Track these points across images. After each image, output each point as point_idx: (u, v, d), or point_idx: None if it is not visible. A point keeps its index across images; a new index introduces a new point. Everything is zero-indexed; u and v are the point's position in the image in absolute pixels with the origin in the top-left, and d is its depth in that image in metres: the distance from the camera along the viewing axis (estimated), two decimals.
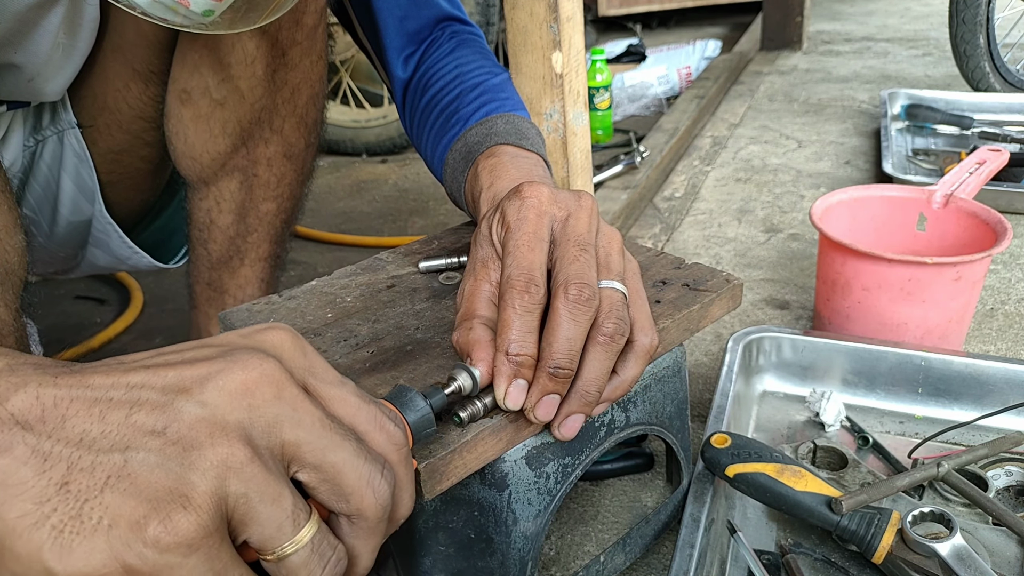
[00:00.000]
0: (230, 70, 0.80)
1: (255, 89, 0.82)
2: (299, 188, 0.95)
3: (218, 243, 0.94)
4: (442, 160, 0.73)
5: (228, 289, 0.98)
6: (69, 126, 0.82)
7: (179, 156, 0.88)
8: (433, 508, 0.54)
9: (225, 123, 0.84)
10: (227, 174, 0.88)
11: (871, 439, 0.80)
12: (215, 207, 0.91)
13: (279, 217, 0.94)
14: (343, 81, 2.30)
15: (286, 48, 0.82)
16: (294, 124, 0.88)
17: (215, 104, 0.82)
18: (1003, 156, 1.09)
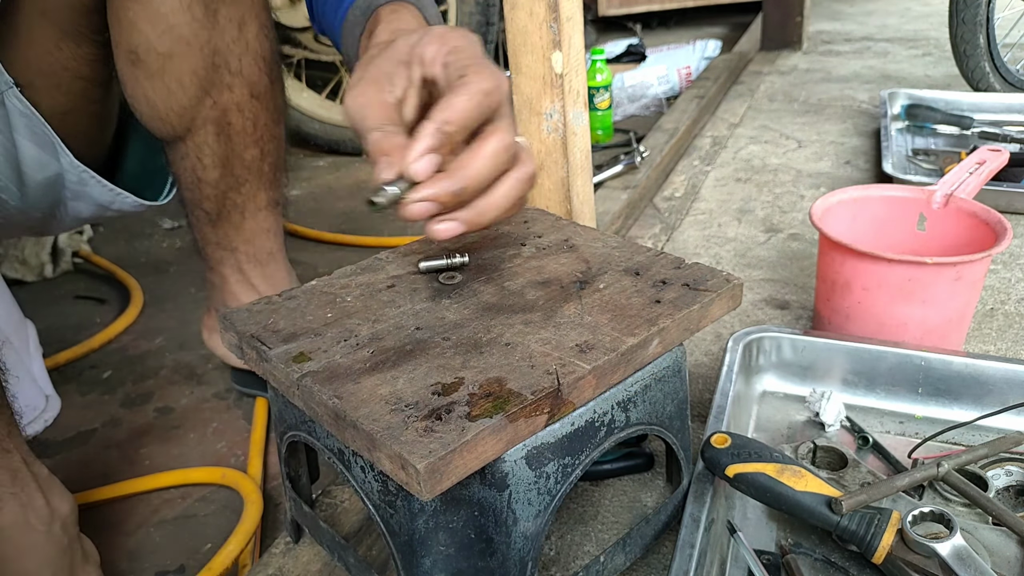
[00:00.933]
0: (167, 19, 0.78)
1: (199, 33, 0.80)
2: (275, 128, 0.94)
3: (212, 200, 0.93)
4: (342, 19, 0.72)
5: (237, 245, 0.96)
6: (6, 86, 0.80)
7: (146, 120, 0.87)
8: (433, 508, 0.54)
9: (180, 75, 0.82)
10: (200, 127, 0.87)
11: (871, 439, 0.80)
12: (198, 164, 0.90)
13: (265, 162, 0.93)
14: (343, 81, 2.30)
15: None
16: (251, 61, 0.87)
17: (163, 58, 0.80)
18: (1003, 156, 1.09)
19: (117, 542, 0.92)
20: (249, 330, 0.61)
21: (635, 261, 0.69)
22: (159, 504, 0.98)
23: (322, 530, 0.69)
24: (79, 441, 1.11)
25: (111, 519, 0.96)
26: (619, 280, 0.66)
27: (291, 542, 0.77)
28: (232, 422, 1.11)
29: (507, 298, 0.64)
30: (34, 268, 1.58)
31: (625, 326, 0.59)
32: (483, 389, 0.52)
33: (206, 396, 1.18)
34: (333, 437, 0.59)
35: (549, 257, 0.71)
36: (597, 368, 0.55)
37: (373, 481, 0.56)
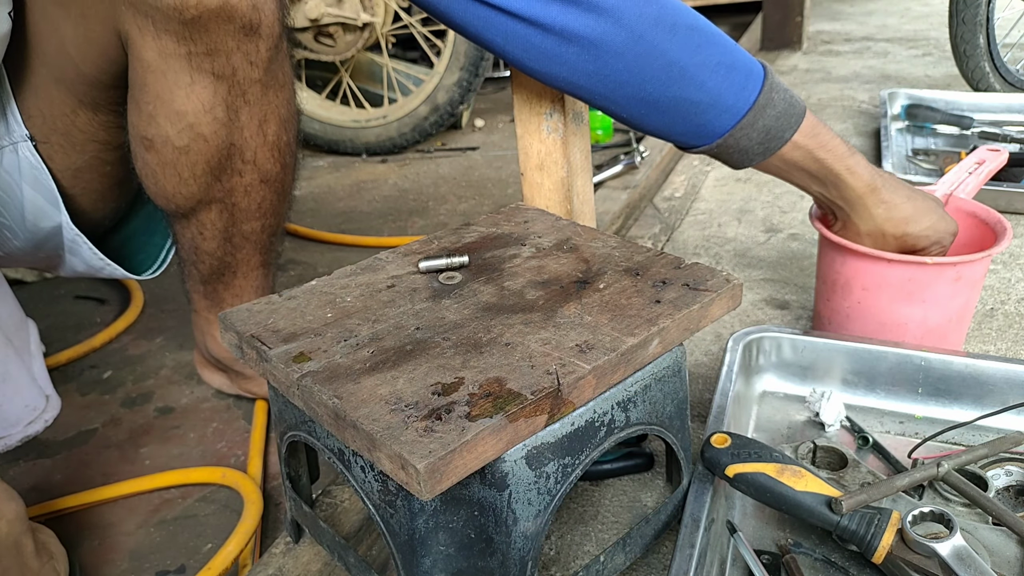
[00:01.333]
0: (187, 119, 0.79)
1: (218, 132, 0.81)
2: (281, 205, 0.94)
3: (207, 264, 0.94)
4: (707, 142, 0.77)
5: (225, 299, 0.98)
6: (22, 139, 0.81)
7: (153, 195, 0.88)
8: (433, 508, 0.54)
9: (193, 166, 0.83)
10: (205, 206, 0.87)
11: (871, 439, 0.80)
12: (198, 235, 0.91)
13: (264, 232, 0.94)
14: (343, 81, 2.30)
15: (245, 88, 0.80)
16: (267, 153, 0.87)
17: (179, 151, 0.81)
18: (1002, 156, 1.09)
19: (117, 542, 0.92)
20: (249, 330, 0.61)
21: (635, 261, 0.69)
22: (159, 504, 0.98)
23: (322, 530, 0.69)
24: (79, 441, 1.11)
25: (111, 519, 0.96)
26: (619, 280, 0.66)
27: (291, 542, 0.77)
28: (232, 422, 1.11)
29: (507, 298, 0.64)
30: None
31: (625, 326, 0.59)
32: (483, 389, 0.52)
33: (206, 396, 1.18)
34: (333, 437, 0.59)
35: (549, 257, 0.71)
36: (597, 368, 0.55)
37: (373, 481, 0.56)
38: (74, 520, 0.95)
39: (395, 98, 2.27)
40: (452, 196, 1.95)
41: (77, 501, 0.97)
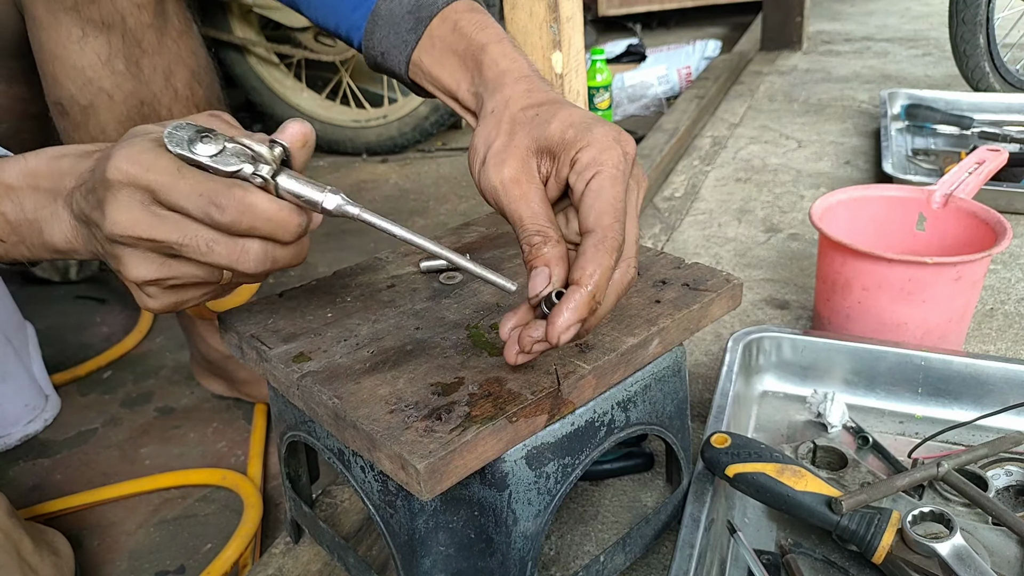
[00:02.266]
0: (86, 73, 0.78)
1: (122, 85, 0.80)
2: None
3: None
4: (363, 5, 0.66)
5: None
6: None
7: None
8: (433, 508, 0.54)
9: (103, 126, 0.82)
10: None
11: (871, 439, 0.80)
12: None
13: None
14: (343, 81, 2.30)
15: (139, 36, 0.79)
16: (181, 109, 0.86)
17: (85, 110, 0.81)
18: (1002, 156, 1.09)
19: (117, 542, 0.92)
20: (249, 330, 0.61)
21: None
22: (159, 504, 0.98)
23: (322, 530, 0.69)
24: (79, 441, 1.11)
25: (111, 519, 0.96)
26: None
27: (291, 542, 0.77)
28: (232, 422, 1.11)
29: (507, 298, 0.64)
30: (60, 269, 1.60)
31: (625, 326, 0.59)
32: (483, 389, 0.52)
33: (206, 396, 1.17)
34: (333, 437, 0.59)
35: None
36: (597, 368, 0.55)
37: (373, 481, 0.56)
38: (74, 520, 0.95)
39: (395, 98, 2.27)
40: (453, 196, 1.95)
41: (77, 501, 0.97)
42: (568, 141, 0.51)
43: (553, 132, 0.52)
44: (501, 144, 0.52)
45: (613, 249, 0.48)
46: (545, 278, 0.48)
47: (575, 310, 0.47)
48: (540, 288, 0.48)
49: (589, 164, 0.50)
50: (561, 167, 0.51)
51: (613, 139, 0.51)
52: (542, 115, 0.53)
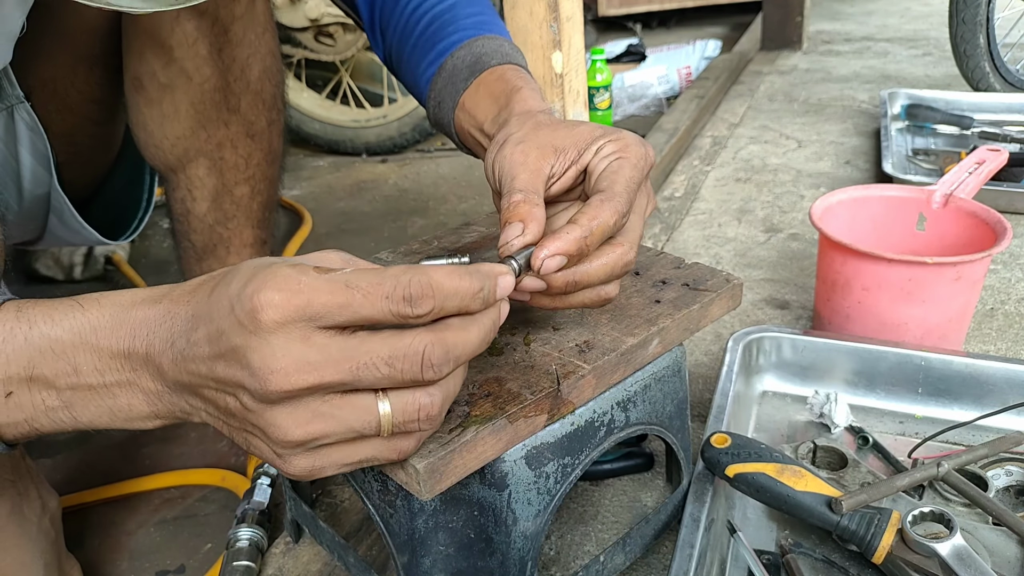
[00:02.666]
0: (172, 53, 0.81)
1: (201, 69, 0.83)
2: (269, 168, 0.95)
3: (199, 233, 0.95)
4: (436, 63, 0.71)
5: None
6: (17, 100, 0.82)
7: (143, 146, 0.89)
8: (433, 508, 0.54)
9: (177, 105, 0.85)
10: (192, 159, 0.89)
11: (871, 439, 0.80)
12: (188, 196, 0.92)
13: (255, 200, 0.95)
14: (343, 81, 2.30)
15: (227, 24, 0.82)
16: (250, 101, 0.89)
17: (163, 88, 0.83)
18: (1002, 156, 1.09)
19: (117, 542, 0.92)
20: None
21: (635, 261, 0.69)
22: (159, 504, 0.98)
23: (322, 530, 0.69)
24: (79, 441, 1.11)
25: (111, 519, 0.96)
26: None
27: (291, 542, 0.77)
28: None
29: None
30: (65, 268, 1.59)
31: (625, 326, 0.59)
32: (483, 389, 0.52)
33: None
34: None
35: None
36: (597, 368, 0.55)
37: (373, 481, 0.56)
38: (74, 520, 0.94)
39: (395, 98, 2.27)
40: (452, 196, 1.95)
41: (77, 501, 0.96)
42: (597, 136, 0.54)
43: (582, 130, 0.55)
44: (523, 135, 0.56)
45: (615, 211, 0.50)
46: (518, 229, 0.49)
47: (563, 240, 0.48)
48: (511, 237, 0.49)
49: (615, 151, 0.53)
50: (585, 155, 0.54)
51: (640, 142, 0.55)
52: (568, 124, 0.56)
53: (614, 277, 0.53)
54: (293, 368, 0.38)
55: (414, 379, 0.40)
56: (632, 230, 0.53)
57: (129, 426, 0.45)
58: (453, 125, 0.70)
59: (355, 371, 0.39)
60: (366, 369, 0.39)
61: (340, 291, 0.39)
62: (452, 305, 0.41)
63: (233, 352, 0.39)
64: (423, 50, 0.73)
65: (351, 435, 0.41)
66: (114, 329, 0.43)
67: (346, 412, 0.40)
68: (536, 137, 0.55)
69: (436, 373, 0.41)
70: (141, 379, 0.43)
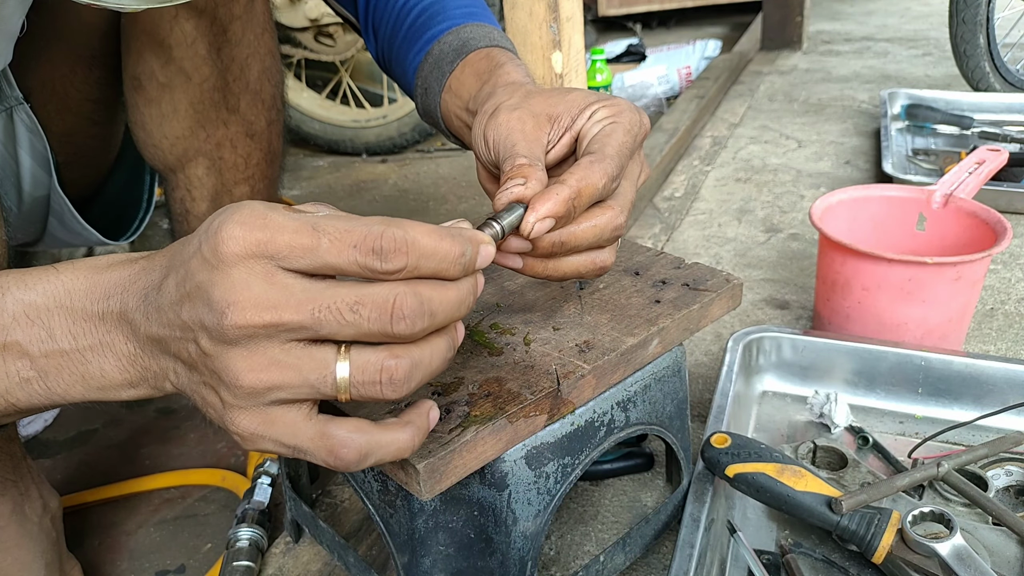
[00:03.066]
0: (171, 52, 0.81)
1: (200, 68, 0.83)
2: (269, 168, 0.96)
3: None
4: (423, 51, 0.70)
5: None
6: (16, 102, 0.82)
7: (142, 146, 0.89)
8: (433, 508, 0.54)
9: (175, 104, 0.85)
10: (191, 159, 0.89)
11: (871, 439, 0.80)
12: (187, 195, 0.92)
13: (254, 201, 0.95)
14: (343, 81, 2.30)
15: (226, 24, 0.82)
16: (249, 101, 0.89)
17: (162, 87, 0.83)
18: (1002, 156, 1.09)
19: (117, 542, 0.92)
20: None
21: (635, 261, 0.69)
22: (159, 504, 0.98)
23: (322, 530, 0.69)
24: (79, 441, 1.11)
25: (111, 519, 0.96)
26: (619, 280, 0.66)
27: (291, 542, 0.77)
28: None
29: (507, 298, 0.64)
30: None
31: (625, 326, 0.59)
32: (483, 389, 0.52)
33: None
34: None
35: None
36: (597, 368, 0.55)
37: (373, 481, 0.56)
38: (74, 520, 0.95)
39: (395, 98, 2.27)
40: (452, 196, 1.95)
41: (77, 501, 0.96)
42: (591, 101, 0.54)
43: (574, 96, 0.54)
44: (515, 102, 0.55)
45: (605, 173, 0.49)
46: (520, 182, 0.48)
47: (552, 202, 0.47)
48: (511, 186, 0.48)
49: (608, 116, 0.53)
50: (579, 120, 0.53)
51: (635, 109, 0.54)
52: (560, 91, 0.55)
53: (603, 241, 0.51)
54: (251, 303, 0.36)
55: (382, 331, 0.37)
56: (623, 195, 0.52)
57: (102, 396, 0.43)
58: (440, 111, 0.69)
59: (316, 314, 0.36)
60: (328, 313, 0.37)
61: (306, 232, 0.37)
62: (428, 266, 0.38)
63: (197, 289, 0.37)
64: (411, 40, 0.73)
65: (305, 390, 0.38)
66: (89, 291, 0.42)
67: (304, 362, 0.37)
68: (529, 105, 0.54)
69: (408, 327, 0.37)
70: (115, 341, 0.42)
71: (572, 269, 0.52)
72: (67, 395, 0.43)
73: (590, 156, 0.50)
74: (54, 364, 0.42)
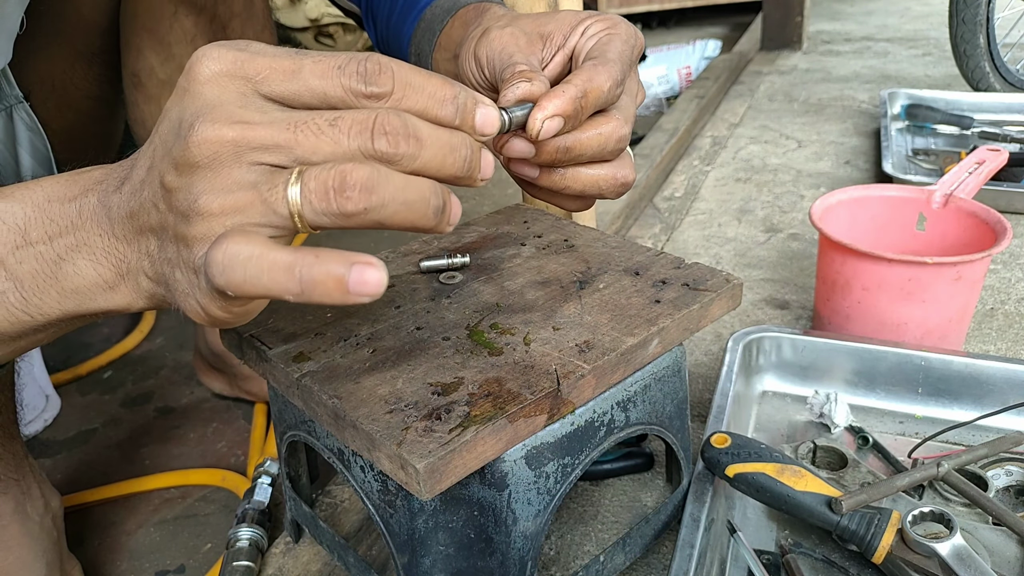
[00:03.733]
0: (171, 49, 0.82)
1: None
2: None
3: None
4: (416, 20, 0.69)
5: None
6: (16, 100, 0.82)
7: (141, 143, 0.89)
8: (433, 508, 0.54)
9: None
10: None
11: (871, 439, 0.80)
12: None
13: None
14: None
15: (225, 21, 0.83)
16: None
17: (162, 84, 0.84)
18: (1002, 156, 1.09)
19: (117, 542, 0.92)
20: (248, 330, 0.61)
21: (635, 261, 0.69)
22: (159, 504, 0.98)
23: (322, 530, 0.69)
24: (79, 441, 1.11)
25: (111, 519, 0.96)
26: (619, 280, 0.66)
27: (291, 542, 0.77)
28: (232, 422, 1.11)
29: (507, 298, 0.64)
30: None
31: (625, 326, 0.59)
32: (483, 389, 0.52)
33: (206, 396, 1.18)
34: (333, 437, 0.59)
35: (549, 257, 0.71)
36: (597, 368, 0.55)
37: (373, 481, 0.56)
38: (74, 520, 0.95)
39: None
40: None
41: (77, 501, 0.97)
42: (582, 18, 0.52)
43: (565, 15, 0.52)
44: (505, 22, 0.53)
45: (610, 76, 0.47)
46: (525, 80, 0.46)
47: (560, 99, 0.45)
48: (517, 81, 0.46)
49: (603, 29, 0.51)
50: (572, 37, 0.51)
51: (629, 24, 0.52)
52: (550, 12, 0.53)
53: (608, 150, 0.49)
54: (222, 116, 0.33)
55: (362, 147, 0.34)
56: (625, 107, 0.50)
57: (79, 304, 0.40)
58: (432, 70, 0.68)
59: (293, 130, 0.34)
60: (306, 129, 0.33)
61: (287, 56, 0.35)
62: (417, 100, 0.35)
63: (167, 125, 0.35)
64: (406, 13, 0.71)
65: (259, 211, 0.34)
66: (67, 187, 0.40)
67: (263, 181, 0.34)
68: (519, 24, 0.53)
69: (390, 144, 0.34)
70: (90, 235, 0.39)
71: (591, 182, 0.50)
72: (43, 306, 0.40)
73: (593, 60, 0.48)
74: (28, 269, 0.40)
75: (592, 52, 0.50)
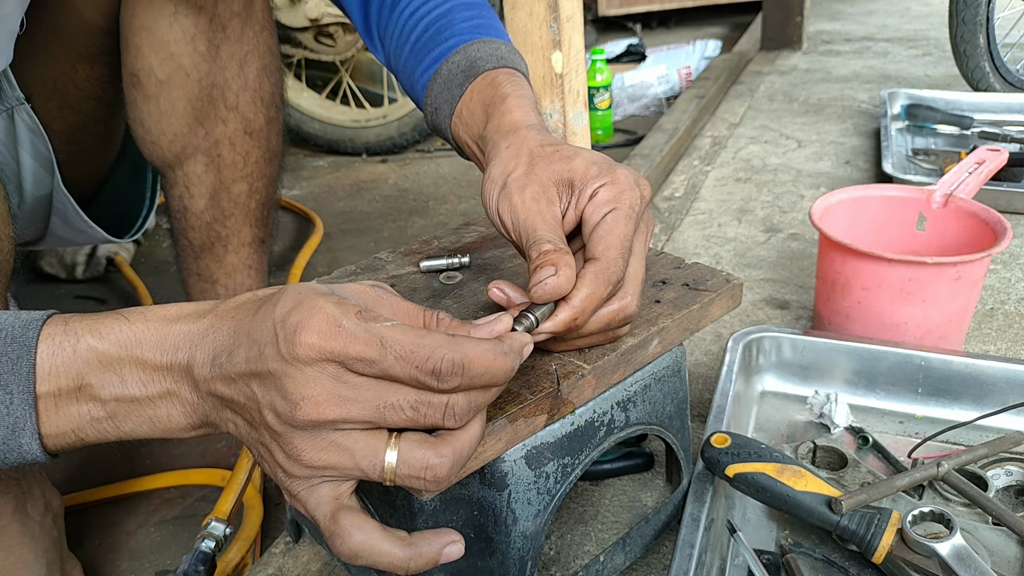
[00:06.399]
0: (170, 48, 0.82)
1: (199, 65, 0.83)
2: (267, 167, 0.96)
3: (197, 230, 0.95)
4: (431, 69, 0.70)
5: (218, 278, 0.98)
6: (17, 102, 0.82)
7: (141, 143, 0.90)
8: (433, 508, 0.54)
9: (174, 101, 0.85)
10: (190, 156, 0.89)
11: (871, 439, 0.80)
12: (186, 192, 0.92)
13: (253, 199, 0.95)
14: (343, 81, 2.30)
15: (225, 21, 0.83)
16: (249, 99, 0.89)
17: (161, 83, 0.84)
18: (1002, 156, 1.09)
19: (117, 542, 0.92)
20: None
21: None
22: (159, 504, 0.98)
23: None
24: None
25: (111, 519, 0.96)
26: None
27: (291, 542, 0.77)
28: None
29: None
30: (68, 266, 1.60)
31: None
32: None
33: None
34: None
35: None
36: (597, 368, 0.55)
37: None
38: (75, 519, 0.95)
39: (395, 98, 2.27)
40: (452, 196, 1.95)
41: (77, 500, 0.97)
42: (592, 176, 0.54)
43: (577, 166, 0.55)
44: (522, 172, 0.55)
45: (609, 282, 0.51)
46: (551, 271, 0.50)
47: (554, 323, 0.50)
48: (544, 276, 0.50)
49: (608, 200, 0.53)
50: (581, 198, 0.54)
51: (634, 181, 0.55)
52: (563, 152, 0.56)
53: (612, 328, 0.55)
54: (324, 399, 0.40)
55: (435, 424, 0.42)
56: (633, 279, 0.54)
57: (167, 435, 0.46)
58: (451, 133, 0.69)
59: (382, 410, 0.41)
60: (391, 411, 0.41)
61: (375, 347, 0.40)
62: (480, 382, 0.42)
63: (270, 375, 0.41)
64: (419, 56, 0.72)
65: (355, 473, 0.43)
66: (159, 342, 0.45)
67: (358, 448, 0.42)
68: (536, 176, 0.55)
69: (457, 423, 0.43)
70: (181, 390, 0.45)
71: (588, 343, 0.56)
72: (133, 434, 0.46)
73: (595, 265, 0.51)
74: (124, 408, 0.45)
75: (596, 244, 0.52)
